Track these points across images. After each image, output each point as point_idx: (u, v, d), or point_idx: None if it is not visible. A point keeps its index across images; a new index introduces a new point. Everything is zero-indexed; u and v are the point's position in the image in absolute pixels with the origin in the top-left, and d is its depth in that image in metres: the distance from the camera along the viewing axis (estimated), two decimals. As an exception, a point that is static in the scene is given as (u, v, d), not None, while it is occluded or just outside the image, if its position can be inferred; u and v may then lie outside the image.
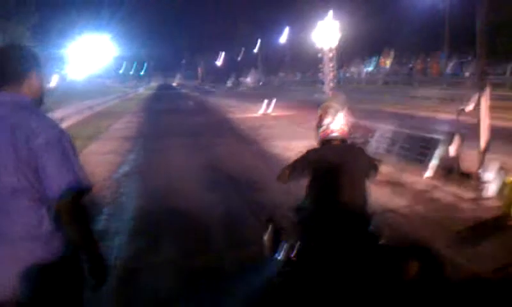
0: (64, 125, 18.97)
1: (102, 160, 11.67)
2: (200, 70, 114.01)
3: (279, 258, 4.36)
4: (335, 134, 3.72)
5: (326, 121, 3.76)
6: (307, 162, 3.75)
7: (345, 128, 3.76)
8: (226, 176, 9.24)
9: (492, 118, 7.52)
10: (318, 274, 3.44)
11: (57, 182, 2.09)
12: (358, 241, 3.48)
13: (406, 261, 3.47)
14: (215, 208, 6.92)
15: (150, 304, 4.10)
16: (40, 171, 2.08)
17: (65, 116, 21.94)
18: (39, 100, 2.33)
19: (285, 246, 4.42)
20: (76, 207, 2.13)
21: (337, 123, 3.74)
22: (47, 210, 2.13)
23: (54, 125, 2.21)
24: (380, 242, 3.62)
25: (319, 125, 3.80)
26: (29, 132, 2.08)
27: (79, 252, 2.24)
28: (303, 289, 3.71)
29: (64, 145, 2.16)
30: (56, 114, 20.59)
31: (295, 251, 4.21)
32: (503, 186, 6.27)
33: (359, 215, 3.58)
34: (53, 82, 44.54)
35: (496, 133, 7.56)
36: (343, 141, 3.77)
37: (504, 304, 3.83)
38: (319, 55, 19.04)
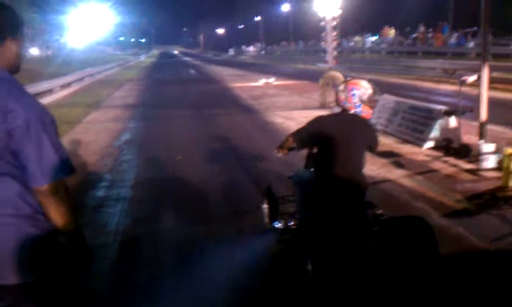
0: (65, 93, 18.82)
1: (103, 127, 11.69)
2: (201, 38, 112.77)
3: (278, 226, 4.42)
4: (347, 105, 3.72)
5: (354, 90, 3.71)
6: (314, 130, 3.74)
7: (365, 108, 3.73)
8: (228, 145, 9.26)
9: (496, 89, 7.48)
10: (316, 242, 3.49)
11: (37, 167, 1.89)
12: (354, 210, 3.51)
13: (401, 231, 3.52)
14: (216, 177, 6.96)
15: (150, 271, 4.16)
16: (20, 154, 1.89)
17: (66, 84, 21.88)
18: (14, 70, 2.03)
19: (284, 215, 4.47)
20: (58, 193, 1.94)
21: (359, 99, 3.72)
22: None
23: (34, 104, 1.96)
24: (376, 212, 3.66)
25: (345, 89, 3.76)
26: (6, 112, 1.85)
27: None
28: (301, 256, 3.77)
29: (45, 127, 1.93)
30: (56, 82, 20.58)
31: (293, 220, 4.26)
32: (503, 157, 6.28)
33: (356, 186, 3.61)
34: (53, 49, 44.22)
35: (499, 105, 7.52)
36: (355, 115, 3.75)
37: (501, 274, 3.88)
38: (322, 23, 18.81)
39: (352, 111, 3.70)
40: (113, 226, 5.16)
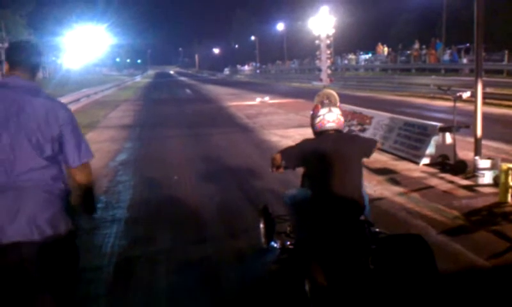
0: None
1: (99, 148, 11.64)
2: (197, 58, 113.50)
3: (275, 245, 4.39)
4: (330, 124, 3.73)
5: (322, 111, 3.77)
6: (302, 152, 3.74)
7: (341, 118, 3.78)
8: (224, 165, 9.24)
9: (489, 104, 7.52)
10: (313, 263, 3.45)
11: (74, 152, 2.69)
12: (352, 229, 3.49)
13: (399, 249, 3.49)
14: (212, 197, 6.92)
15: (147, 292, 4.11)
16: (62, 143, 2.65)
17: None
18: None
19: (281, 234, 4.44)
20: (88, 170, 2.79)
21: (333, 114, 3.75)
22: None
23: (67, 107, 2.79)
24: (374, 230, 3.63)
25: (315, 115, 3.81)
26: (58, 114, 2.62)
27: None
28: (298, 277, 3.73)
29: (74, 123, 2.74)
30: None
31: (290, 239, 4.23)
32: (499, 173, 6.28)
33: (353, 204, 3.59)
34: (49, 71, 44.37)
35: (494, 120, 7.54)
36: (338, 131, 3.79)
37: (498, 291, 3.85)
38: (316, 42, 18.96)
39: (333, 128, 3.73)
40: (108, 248, 5.11)
